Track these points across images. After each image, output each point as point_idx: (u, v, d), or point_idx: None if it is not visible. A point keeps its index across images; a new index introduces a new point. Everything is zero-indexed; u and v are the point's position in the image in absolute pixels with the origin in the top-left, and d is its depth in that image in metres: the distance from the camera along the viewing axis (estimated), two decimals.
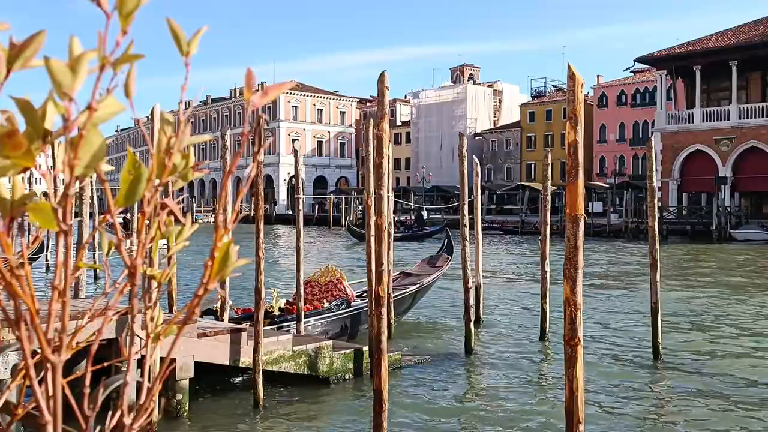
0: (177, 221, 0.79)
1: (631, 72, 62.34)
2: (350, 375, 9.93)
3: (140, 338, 0.82)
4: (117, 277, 0.82)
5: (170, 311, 10.86)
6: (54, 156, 0.71)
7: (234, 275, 0.82)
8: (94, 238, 0.85)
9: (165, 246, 0.82)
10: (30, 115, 0.64)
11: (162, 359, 0.75)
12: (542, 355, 11.87)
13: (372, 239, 9.69)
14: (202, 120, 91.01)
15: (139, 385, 0.75)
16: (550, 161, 14.38)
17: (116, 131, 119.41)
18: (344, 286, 12.34)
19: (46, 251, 24.42)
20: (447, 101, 78.36)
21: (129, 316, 0.76)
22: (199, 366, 8.27)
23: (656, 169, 12.27)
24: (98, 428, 0.77)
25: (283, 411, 8.72)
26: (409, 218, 53.19)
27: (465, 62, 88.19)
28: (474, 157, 15.12)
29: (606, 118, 67.01)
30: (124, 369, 0.78)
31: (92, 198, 18.64)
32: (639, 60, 50.93)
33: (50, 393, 0.65)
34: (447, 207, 56.11)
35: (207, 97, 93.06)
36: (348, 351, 10.05)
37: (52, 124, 0.64)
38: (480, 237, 14.53)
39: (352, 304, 12.10)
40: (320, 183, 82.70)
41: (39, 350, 0.67)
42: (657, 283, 11.24)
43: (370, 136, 10.54)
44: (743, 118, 45.59)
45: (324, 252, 34.58)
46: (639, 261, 27.20)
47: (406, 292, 13.72)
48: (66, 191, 0.63)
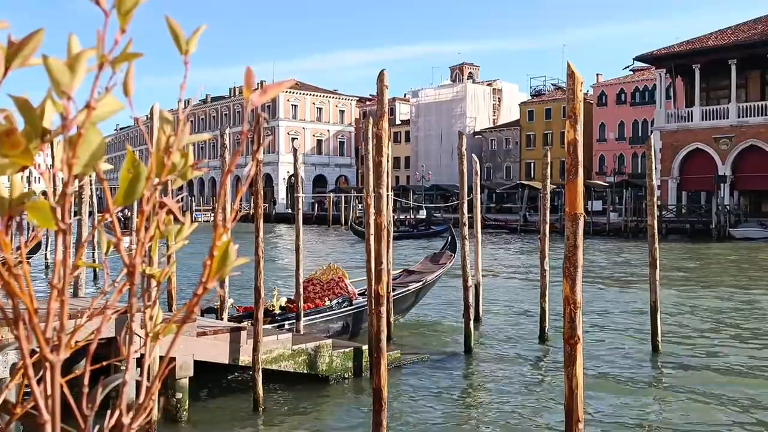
0: (176, 220, 0.79)
1: (631, 71, 62.32)
2: (350, 374, 9.93)
3: (139, 337, 0.82)
4: (116, 276, 0.82)
5: (170, 310, 10.86)
6: (53, 155, 0.71)
7: (233, 274, 0.82)
8: (94, 237, 0.85)
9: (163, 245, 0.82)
10: (28, 114, 0.64)
11: (161, 358, 0.75)
12: (542, 354, 11.87)
13: (371, 238, 9.69)
14: (202, 119, 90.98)
15: (139, 384, 0.75)
16: (550, 160, 14.38)
17: (115, 130, 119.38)
18: (346, 285, 12.33)
19: (45, 250, 24.42)
20: (446, 100, 78.33)
21: (128, 315, 0.76)
22: (199, 365, 8.27)
23: (656, 168, 12.27)
24: (97, 427, 0.77)
25: (283, 410, 8.73)
26: (409, 217, 53.24)
27: (464, 61, 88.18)
28: (473, 156, 15.12)
29: (605, 117, 67.02)
30: (124, 368, 0.78)
31: (91, 197, 18.64)
32: (638, 58, 50.94)
33: (49, 392, 0.65)
34: (446, 206, 56.09)
35: (206, 96, 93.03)
36: (347, 350, 10.05)
37: (51, 123, 0.64)
38: (480, 235, 14.53)
39: (354, 303, 12.08)
40: (320, 182, 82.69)
41: (37, 349, 0.67)
42: (656, 282, 11.25)
43: (370, 135, 10.53)
44: (742, 117, 45.59)
45: (326, 250, 34.58)
46: (638, 259, 27.21)
47: (409, 290, 13.73)
48: (64, 190, 0.63)
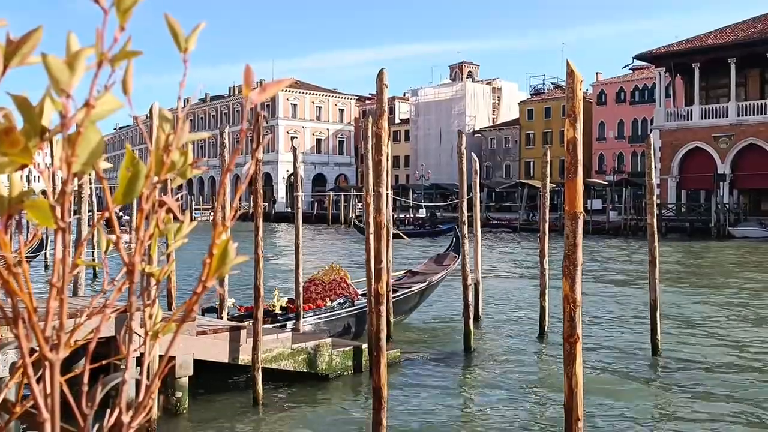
0: (176, 219, 0.79)
1: (630, 69, 62.34)
2: (349, 373, 9.93)
3: (139, 336, 0.82)
4: (116, 275, 0.82)
5: (169, 309, 10.86)
6: (52, 154, 0.71)
7: (233, 272, 0.82)
8: (93, 236, 0.85)
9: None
10: (27, 112, 0.63)
11: (161, 357, 0.75)
12: (541, 353, 11.88)
13: (371, 237, 9.69)
14: (201, 118, 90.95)
15: (138, 383, 0.75)
16: (549, 159, 14.38)
17: (115, 129, 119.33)
18: (348, 285, 12.32)
19: (45, 249, 24.40)
20: (446, 99, 78.32)
21: (127, 314, 0.75)
22: (199, 364, 8.27)
23: (655, 167, 12.27)
24: (96, 426, 0.77)
25: (282, 408, 8.73)
26: (409, 216, 53.31)
27: (464, 60, 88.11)
28: (473, 155, 15.12)
29: (605, 116, 67.02)
30: (123, 367, 0.78)
31: (91, 196, 18.63)
32: (638, 57, 50.94)
33: (48, 391, 0.65)
34: (446, 204, 56.14)
35: (206, 95, 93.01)
36: (347, 349, 10.05)
37: (50, 122, 0.64)
38: (479, 234, 14.53)
39: (356, 303, 12.05)
40: (319, 181, 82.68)
41: (37, 348, 0.67)
42: (656, 281, 11.25)
43: (369, 134, 10.53)
44: (742, 116, 45.59)
45: (326, 250, 34.59)
46: (638, 258, 27.21)
47: (412, 291, 13.73)
48: (64, 188, 0.63)
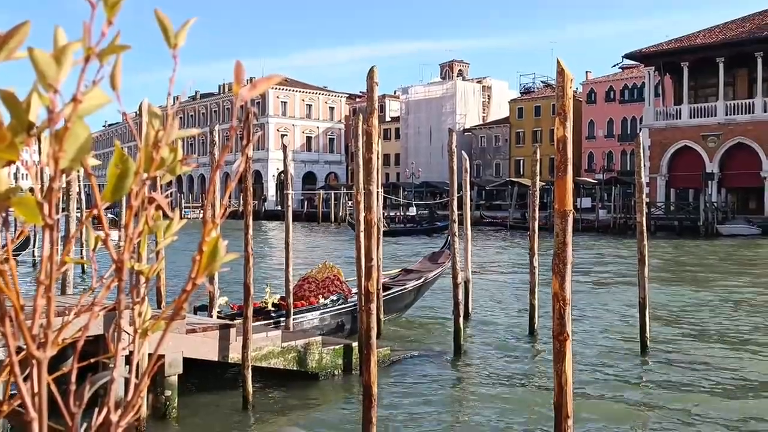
0: (165, 216, 0.78)
1: (620, 68, 62.57)
2: (339, 371, 9.93)
3: (128, 334, 0.81)
4: (104, 273, 0.81)
5: (159, 307, 10.82)
6: (40, 150, 0.70)
7: (224, 270, 0.82)
8: (82, 234, 0.84)
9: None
10: (14, 108, 0.63)
11: (150, 355, 0.74)
12: (531, 351, 11.91)
13: (361, 234, 9.68)
14: (191, 115, 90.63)
15: (127, 382, 0.74)
16: (539, 157, 14.41)
17: (104, 126, 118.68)
18: (341, 282, 12.32)
19: (33, 246, 24.23)
20: (436, 97, 78.37)
21: (116, 312, 0.75)
22: (189, 362, 8.24)
23: (644, 165, 12.32)
24: (85, 425, 0.76)
25: (272, 407, 8.72)
26: (400, 214, 53.35)
27: (454, 58, 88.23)
28: (463, 153, 15.12)
29: (594, 114, 67.25)
30: (112, 365, 0.77)
31: (79, 194, 18.52)
32: (627, 56, 51.16)
33: (35, 390, 0.64)
34: (436, 203, 56.21)
35: (195, 93, 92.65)
36: (337, 347, 10.05)
37: (37, 117, 0.63)
38: (469, 233, 14.55)
39: (350, 300, 12.04)
40: (309, 179, 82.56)
41: (24, 346, 0.66)
42: (645, 278, 11.30)
43: (360, 132, 10.52)
44: (730, 115, 45.88)
45: (320, 248, 34.56)
46: (627, 256, 27.33)
47: (406, 288, 13.76)
48: (51, 185, 0.62)
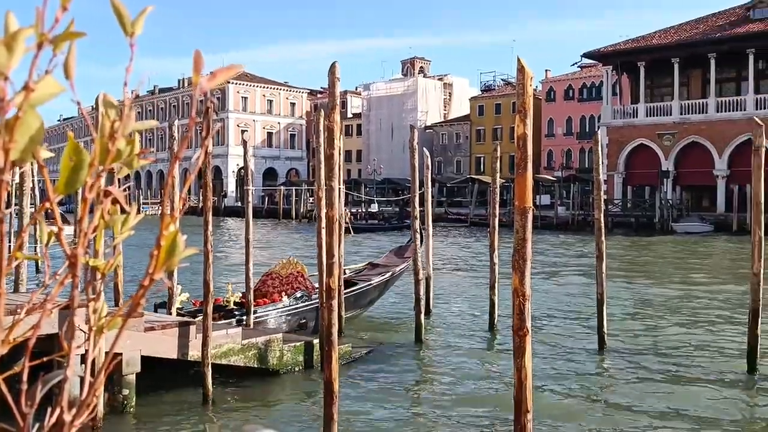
0: (122, 210, 0.76)
1: (579, 67, 63.48)
2: (300, 368, 9.89)
3: (84, 332, 0.79)
4: (58, 269, 0.79)
5: (116, 305, 10.63)
6: None
7: (182, 266, 0.80)
8: (35, 228, 0.81)
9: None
10: None
11: (106, 353, 0.72)
12: (491, 346, 12.03)
13: (323, 231, 9.65)
14: (149, 110, 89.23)
15: (83, 381, 0.72)
16: (499, 154, 14.55)
17: (59, 120, 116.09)
18: (305, 279, 12.23)
19: None
20: (398, 94, 78.51)
21: (70, 310, 0.72)
22: (148, 360, 8.12)
23: (602, 163, 12.54)
24: (37, 426, 0.74)
25: (233, 405, 8.64)
26: (361, 210, 53.32)
27: (415, 55, 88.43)
28: (425, 150, 15.18)
29: (554, 112, 68.13)
30: (66, 364, 0.75)
31: (33, 189, 18.09)
32: (586, 55, 51.92)
33: None
34: (398, 199, 56.33)
35: (154, 87, 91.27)
36: (298, 344, 10.00)
37: None
38: (431, 229, 14.62)
39: (313, 297, 11.89)
40: (270, 175, 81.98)
41: None
42: (603, 274, 11.49)
43: (321, 128, 10.47)
44: (685, 114, 46.91)
45: (282, 245, 34.35)
46: (585, 252, 27.77)
47: (372, 284, 13.73)
48: (1, 177, 0.60)
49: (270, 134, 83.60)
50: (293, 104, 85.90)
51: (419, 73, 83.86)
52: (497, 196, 13.73)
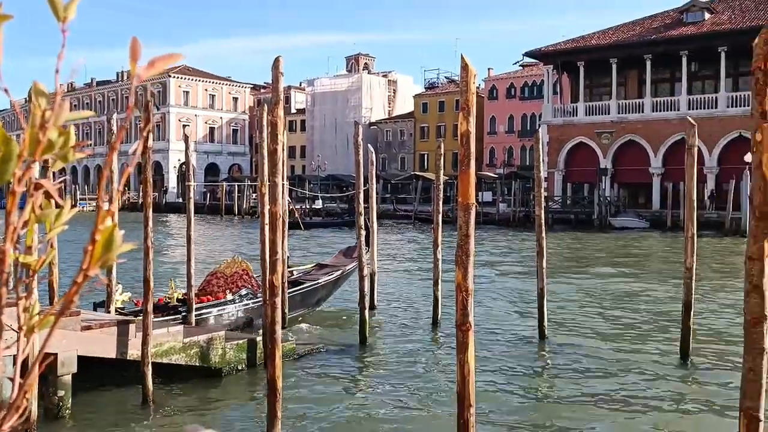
0: (57, 205, 0.73)
1: (520, 66, 64.52)
2: (243, 366, 9.77)
3: (16, 332, 0.75)
4: None
5: (51, 304, 10.30)
6: None
7: (120, 261, 0.77)
8: None
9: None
10: None
11: (39, 353, 0.69)
12: (435, 341, 12.12)
13: (266, 228, 9.56)
14: (87, 103, 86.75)
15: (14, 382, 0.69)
16: (443, 151, 14.67)
17: None
18: (250, 277, 12.10)
19: None
20: (342, 90, 78.32)
21: None
22: (86, 360, 7.89)
23: (543, 161, 12.77)
24: None
25: (174, 404, 8.48)
26: (305, 207, 53.02)
27: (360, 51, 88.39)
28: (369, 146, 15.19)
29: (496, 110, 69.04)
30: None
31: None
32: (527, 54, 52.81)
33: None
34: (342, 195, 56.24)
35: (91, 80, 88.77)
36: (241, 341, 9.88)
37: None
38: (375, 226, 14.65)
39: (259, 295, 11.77)
40: (212, 170, 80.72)
41: None
42: (543, 269, 11.71)
43: (264, 123, 10.36)
44: (622, 113, 48.21)
45: (227, 242, 33.87)
46: (526, 248, 28.25)
47: (319, 284, 13.68)
48: None
49: (212, 129, 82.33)
50: (236, 99, 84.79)
51: (364, 70, 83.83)
52: (441, 193, 13.84)
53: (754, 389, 4.24)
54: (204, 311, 11.16)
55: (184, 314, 10.74)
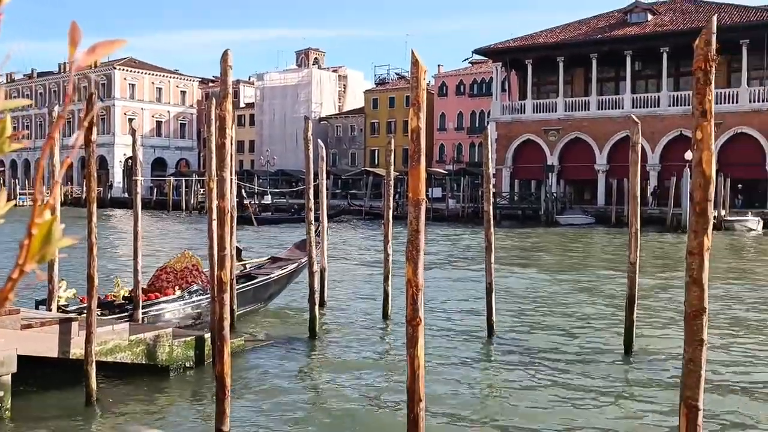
0: None
1: (470, 63, 65.08)
2: (191, 363, 9.62)
3: None
4: None
5: None
6: None
7: (60, 256, 0.74)
8: None
9: None
10: None
11: None
12: (385, 336, 12.16)
13: (214, 223, 9.42)
14: (27, 95, 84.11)
15: None
16: (393, 147, 14.71)
17: None
18: (200, 273, 11.89)
19: None
20: (292, 84, 77.77)
21: None
22: (27, 360, 7.66)
23: (491, 157, 12.91)
24: None
25: (119, 404, 8.30)
26: (254, 202, 52.48)
27: (310, 46, 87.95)
28: (319, 142, 15.11)
29: (445, 107, 69.54)
30: None
31: None
32: (476, 51, 53.34)
33: None
34: (292, 191, 55.89)
35: (32, 71, 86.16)
36: (189, 338, 9.73)
37: None
38: (326, 222, 14.59)
39: (208, 291, 11.57)
40: (159, 165, 79.28)
41: None
42: (491, 265, 11.84)
43: (213, 117, 10.21)
44: (568, 111, 49.13)
45: (176, 237, 33.28)
46: (475, 244, 28.56)
47: (271, 278, 13.52)
48: None
49: (159, 123, 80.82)
50: (184, 93, 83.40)
51: (314, 65, 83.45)
52: (391, 189, 13.87)
53: (694, 379, 4.37)
54: (152, 308, 10.95)
55: (131, 311, 10.52)
